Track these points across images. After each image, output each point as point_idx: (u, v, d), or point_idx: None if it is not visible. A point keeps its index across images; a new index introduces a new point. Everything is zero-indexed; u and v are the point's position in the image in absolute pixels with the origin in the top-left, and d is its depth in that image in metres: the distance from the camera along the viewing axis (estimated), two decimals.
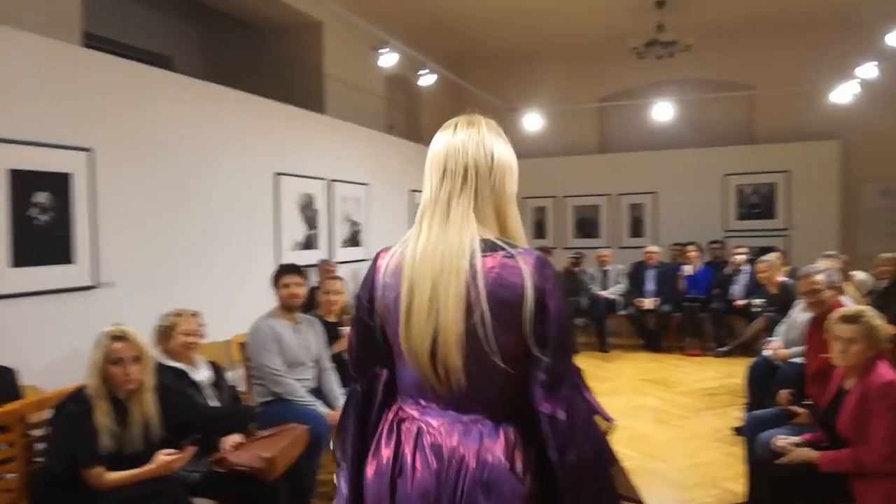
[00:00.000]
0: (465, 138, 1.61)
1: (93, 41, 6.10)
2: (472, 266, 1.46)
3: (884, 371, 2.80)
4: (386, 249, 1.66)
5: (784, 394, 3.72)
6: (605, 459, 1.49)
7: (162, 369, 3.10)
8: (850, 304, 5.01)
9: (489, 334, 1.43)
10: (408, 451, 1.49)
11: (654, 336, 8.90)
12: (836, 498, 2.93)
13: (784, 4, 8.59)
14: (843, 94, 8.39)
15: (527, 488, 1.43)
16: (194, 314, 3.42)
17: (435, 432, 1.48)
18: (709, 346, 8.59)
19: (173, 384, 3.14)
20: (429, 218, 1.57)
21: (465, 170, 1.57)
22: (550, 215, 10.74)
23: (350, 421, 1.65)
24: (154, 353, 3.03)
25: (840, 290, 3.84)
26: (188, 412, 3.07)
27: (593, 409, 1.52)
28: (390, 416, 1.58)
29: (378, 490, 1.51)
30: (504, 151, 1.65)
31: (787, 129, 9.76)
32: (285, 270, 4.09)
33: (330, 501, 4.16)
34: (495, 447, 1.44)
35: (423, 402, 1.53)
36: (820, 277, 3.75)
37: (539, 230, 10.80)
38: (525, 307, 1.44)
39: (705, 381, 7.25)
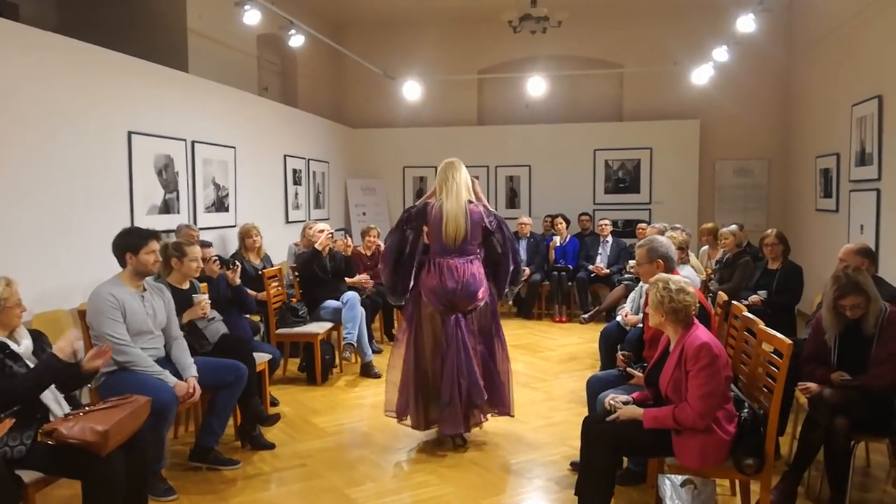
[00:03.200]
0: (451, 167, 4.50)
1: None
2: (466, 208, 4.37)
3: (699, 334, 3.01)
4: (429, 204, 4.47)
5: (619, 356, 3.94)
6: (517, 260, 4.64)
7: None
8: (691, 274, 5.38)
9: (470, 231, 4.36)
10: (444, 271, 4.33)
11: (524, 304, 9.19)
12: (660, 452, 3.15)
13: None
14: (702, 75, 8.87)
15: (484, 281, 4.42)
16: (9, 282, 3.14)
17: (452, 264, 4.34)
18: (576, 313, 8.97)
19: None
20: (446, 192, 4.40)
21: (457, 178, 4.44)
22: (430, 185, 10.74)
23: (396, 277, 4.52)
24: None
25: (660, 266, 3.94)
26: (2, 385, 2.87)
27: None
28: (431, 262, 4.41)
29: (434, 287, 4.32)
30: (465, 174, 4.50)
31: (652, 107, 10.26)
32: (149, 236, 3.86)
33: (185, 470, 4.06)
34: (474, 267, 4.39)
35: (446, 255, 4.37)
36: (640, 251, 3.92)
37: (419, 199, 10.81)
38: (484, 221, 4.43)
39: (569, 346, 7.58)
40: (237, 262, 5.37)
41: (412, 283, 4.51)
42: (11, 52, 4.53)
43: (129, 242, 3.79)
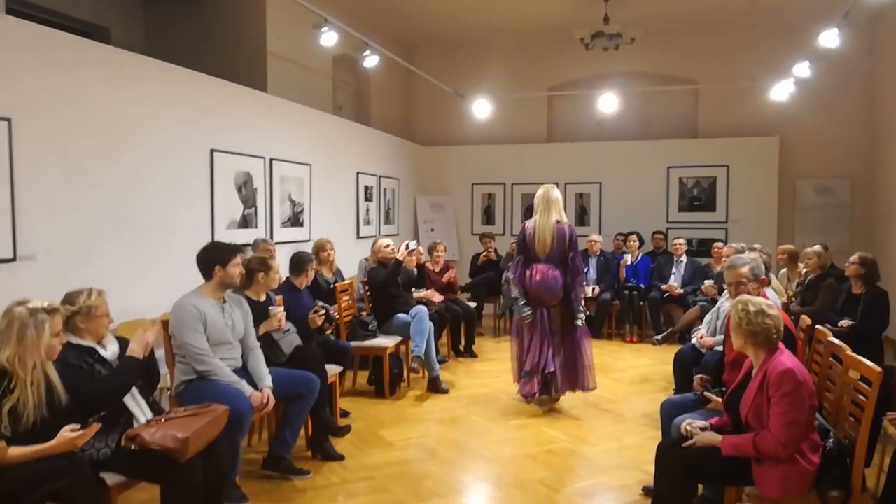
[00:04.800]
0: (546, 192, 5.73)
1: (21, 7, 5.92)
2: (554, 227, 5.56)
3: (783, 359, 2.89)
4: (525, 223, 5.74)
5: (697, 379, 3.83)
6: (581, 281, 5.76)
7: (69, 347, 3.03)
8: (772, 296, 5.19)
9: (555, 247, 5.55)
10: (534, 273, 5.58)
11: (594, 323, 9.04)
12: (738, 480, 3.04)
13: (725, 3, 8.76)
14: (781, 91, 8.60)
15: (563, 284, 5.60)
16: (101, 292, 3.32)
17: (540, 268, 5.58)
18: (647, 333, 8.78)
19: (80, 361, 3.07)
20: (539, 212, 5.62)
21: (550, 201, 5.64)
22: (499, 202, 10.79)
23: (516, 277, 5.73)
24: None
25: (764, 282, 3.91)
26: (91, 387, 3.02)
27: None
28: (528, 268, 5.66)
29: (534, 282, 5.57)
30: (557, 197, 5.70)
31: (728, 123, 9.99)
32: (236, 250, 4.02)
33: (257, 478, 4.16)
34: (557, 272, 5.57)
35: (537, 262, 5.62)
36: (744, 270, 3.84)
37: (487, 216, 10.86)
38: (566, 240, 5.56)
39: (640, 367, 7.41)
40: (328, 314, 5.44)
41: None
42: (103, 73, 4.78)
43: (218, 256, 3.94)
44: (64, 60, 4.46)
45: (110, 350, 3.27)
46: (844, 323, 5.38)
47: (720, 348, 4.87)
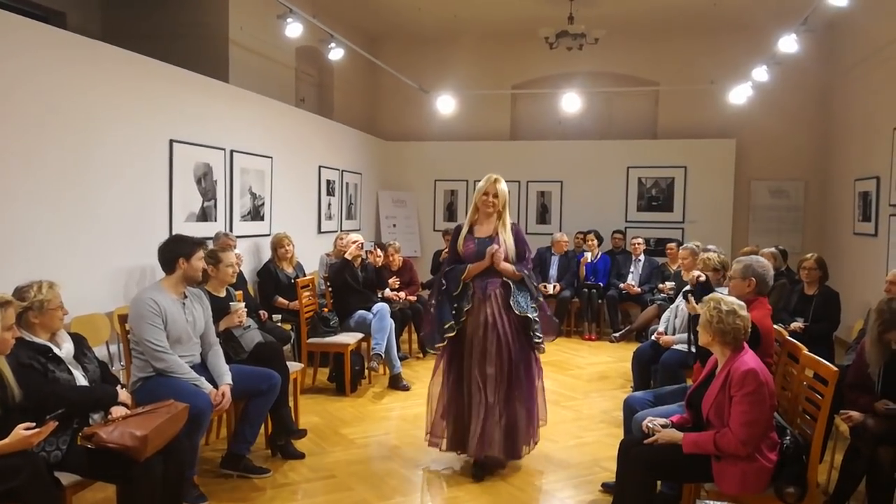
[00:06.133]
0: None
1: None
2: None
3: (747, 359, 2.95)
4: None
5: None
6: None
7: (21, 344, 2.92)
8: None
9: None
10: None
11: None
12: (698, 477, 3.09)
13: (688, 5, 8.90)
14: (739, 94, 8.78)
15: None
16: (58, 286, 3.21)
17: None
18: (605, 331, 8.89)
19: (32, 360, 2.96)
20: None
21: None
22: (461, 198, 10.79)
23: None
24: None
25: (752, 284, 3.90)
26: (45, 390, 2.92)
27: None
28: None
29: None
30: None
31: (687, 125, 10.17)
32: (199, 243, 3.94)
33: (216, 477, 4.08)
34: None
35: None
36: (737, 267, 3.87)
37: (450, 213, 10.85)
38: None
39: (599, 364, 7.50)
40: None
41: None
42: (57, 59, 4.62)
43: (182, 249, 3.85)
44: (16, 44, 4.29)
45: (65, 349, 3.17)
46: (797, 324, 5.52)
47: (680, 346, 4.97)
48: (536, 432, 4.35)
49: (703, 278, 4.26)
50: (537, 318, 4.22)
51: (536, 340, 4.22)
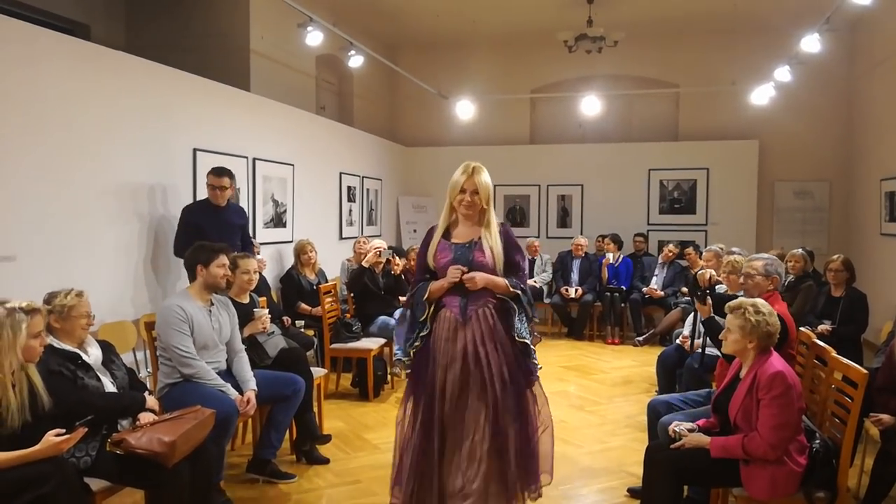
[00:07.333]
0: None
1: (5, 4, 5.81)
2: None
3: (774, 362, 2.92)
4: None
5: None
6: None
7: (51, 351, 2.97)
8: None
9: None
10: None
11: (576, 324, 9.08)
12: (726, 482, 3.06)
13: (707, 7, 8.84)
14: (762, 95, 8.70)
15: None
16: (86, 295, 3.26)
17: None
18: (628, 335, 8.83)
19: (62, 367, 3.01)
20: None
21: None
22: None
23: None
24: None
25: (775, 281, 3.87)
26: (75, 397, 2.97)
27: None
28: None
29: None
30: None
31: (709, 127, 10.10)
32: (219, 250, 3.97)
33: (242, 482, 4.11)
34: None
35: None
36: (758, 264, 3.84)
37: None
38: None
39: (622, 368, 7.45)
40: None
41: None
42: (83, 70, 4.70)
43: (200, 256, 3.90)
44: (44, 57, 4.37)
45: (93, 355, 3.22)
46: (824, 327, 5.43)
47: (710, 351, 4.91)
48: (537, 489, 3.27)
49: (715, 278, 4.17)
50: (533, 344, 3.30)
51: (532, 367, 3.27)
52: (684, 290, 7.97)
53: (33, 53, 4.30)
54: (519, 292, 3.28)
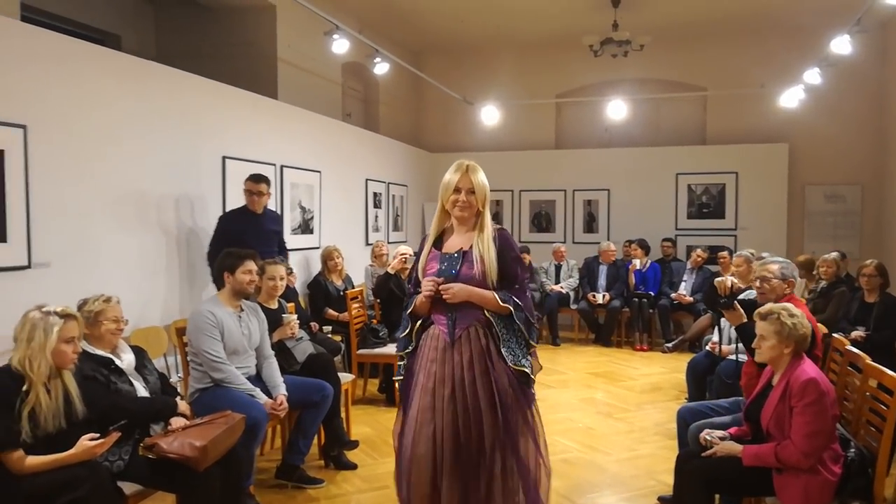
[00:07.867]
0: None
1: (35, 14, 5.94)
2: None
3: (806, 368, 2.87)
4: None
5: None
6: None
7: (85, 357, 3.03)
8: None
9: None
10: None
11: (603, 330, 9.02)
12: (759, 491, 3.02)
13: (735, 9, 8.75)
14: (791, 98, 8.58)
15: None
16: (116, 300, 3.31)
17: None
18: (656, 341, 8.75)
19: (95, 372, 3.07)
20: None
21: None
22: (507, 209, 10.78)
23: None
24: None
25: (791, 284, 3.84)
26: (108, 401, 3.02)
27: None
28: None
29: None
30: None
31: (737, 130, 9.97)
32: (246, 256, 4.01)
33: (271, 487, 4.14)
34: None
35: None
36: (774, 267, 3.80)
37: (496, 223, 10.79)
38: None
39: (651, 375, 7.38)
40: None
41: None
42: (113, 79, 4.78)
43: (226, 262, 3.95)
44: (77, 67, 4.47)
45: (126, 360, 3.27)
46: (857, 333, 5.34)
47: (742, 357, 4.85)
48: None
49: (738, 285, 4.09)
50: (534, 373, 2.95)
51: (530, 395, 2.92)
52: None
53: (65, 64, 4.39)
54: (511, 308, 2.86)
